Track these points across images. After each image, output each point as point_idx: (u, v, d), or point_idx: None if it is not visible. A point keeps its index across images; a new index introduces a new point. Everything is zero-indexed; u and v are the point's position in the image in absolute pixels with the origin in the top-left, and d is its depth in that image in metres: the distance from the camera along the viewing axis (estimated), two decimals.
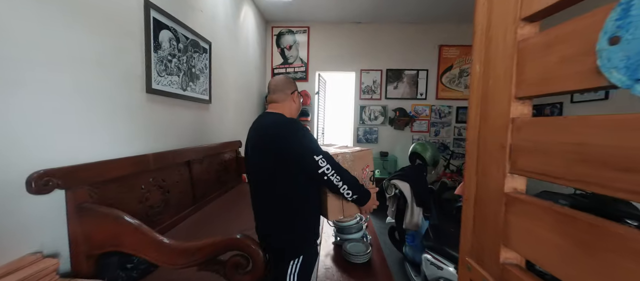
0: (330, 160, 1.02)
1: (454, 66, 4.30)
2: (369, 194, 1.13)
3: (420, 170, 1.96)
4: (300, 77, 4.47)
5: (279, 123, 1.06)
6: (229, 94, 2.97)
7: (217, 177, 2.51)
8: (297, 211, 1.07)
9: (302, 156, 1.00)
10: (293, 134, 1.02)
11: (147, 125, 1.68)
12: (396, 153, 4.45)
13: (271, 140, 1.04)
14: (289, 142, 1.01)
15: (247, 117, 3.60)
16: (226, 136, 2.88)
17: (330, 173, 0.99)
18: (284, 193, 1.05)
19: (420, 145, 2.00)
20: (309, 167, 0.99)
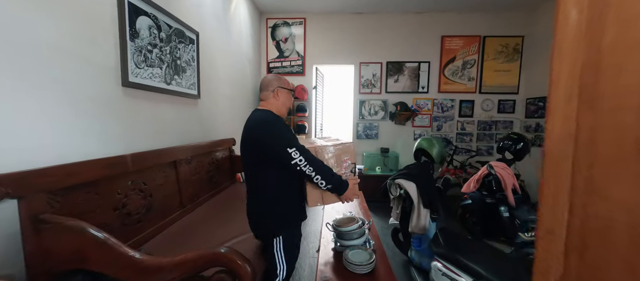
0: (304, 152, 1.12)
1: (456, 58, 4.13)
2: (346, 184, 1.23)
3: (427, 168, 1.81)
4: (296, 71, 4.29)
5: (258, 120, 1.20)
6: (221, 89, 2.79)
7: (209, 178, 2.35)
8: (275, 198, 1.21)
9: (276, 149, 1.12)
10: (269, 129, 1.15)
11: (124, 122, 1.51)
12: (397, 149, 4.29)
13: (251, 135, 1.19)
14: (265, 136, 1.14)
15: (241, 113, 3.43)
16: (218, 133, 2.71)
17: (303, 164, 1.10)
18: (263, 183, 1.20)
19: (426, 140, 1.84)
20: (283, 158, 1.11)
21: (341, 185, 1.21)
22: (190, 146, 2.07)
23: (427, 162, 1.87)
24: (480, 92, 4.16)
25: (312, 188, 1.24)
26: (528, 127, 3.99)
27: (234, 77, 3.15)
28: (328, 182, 1.16)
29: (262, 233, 1.32)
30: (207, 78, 2.46)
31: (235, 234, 1.60)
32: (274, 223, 1.23)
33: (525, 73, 4.08)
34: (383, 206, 3.70)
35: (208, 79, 2.49)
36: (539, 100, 3.79)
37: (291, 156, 1.10)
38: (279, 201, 1.22)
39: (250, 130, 1.21)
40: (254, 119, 1.23)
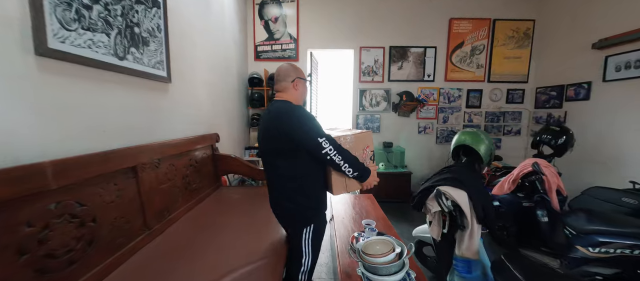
0: (333, 141, 1.12)
1: (465, 43, 3.78)
2: (369, 171, 1.23)
3: (475, 171, 1.41)
4: (288, 56, 3.76)
5: (283, 111, 1.15)
6: (199, 73, 2.25)
7: (185, 184, 1.83)
8: (305, 187, 1.20)
9: (306, 139, 1.10)
10: (297, 119, 1.12)
11: (42, 112, 0.97)
12: (401, 143, 3.92)
13: (277, 127, 1.13)
14: (293, 127, 1.11)
15: (226, 102, 2.89)
16: (197, 128, 2.18)
17: (333, 154, 1.11)
18: (291, 173, 1.18)
19: (469, 134, 1.43)
20: (314, 148, 1.10)
21: (366, 172, 1.22)
22: (158, 145, 1.55)
23: (470, 162, 1.48)
24: (489, 80, 3.86)
25: (338, 177, 1.23)
26: (538, 118, 3.75)
27: (215, 59, 2.60)
28: (355, 170, 1.17)
29: (291, 223, 1.31)
30: (180, 57, 1.91)
31: (233, 265, 1.14)
32: (306, 213, 1.24)
33: (535, 60, 3.80)
34: (394, 205, 3.33)
35: (181, 58, 1.94)
36: (551, 89, 3.53)
37: (322, 146, 1.10)
38: (309, 190, 1.22)
39: (276, 121, 1.16)
40: (276, 110, 1.19)
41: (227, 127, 2.94)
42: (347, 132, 1.32)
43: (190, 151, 1.94)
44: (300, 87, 1.29)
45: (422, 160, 3.98)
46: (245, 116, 3.65)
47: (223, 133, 2.76)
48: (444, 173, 1.39)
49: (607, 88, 2.88)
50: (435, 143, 3.97)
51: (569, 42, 3.33)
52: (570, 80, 3.28)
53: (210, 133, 2.32)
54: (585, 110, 3.12)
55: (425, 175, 3.99)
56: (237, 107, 3.32)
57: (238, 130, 3.32)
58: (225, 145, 2.84)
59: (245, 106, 3.62)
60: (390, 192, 3.55)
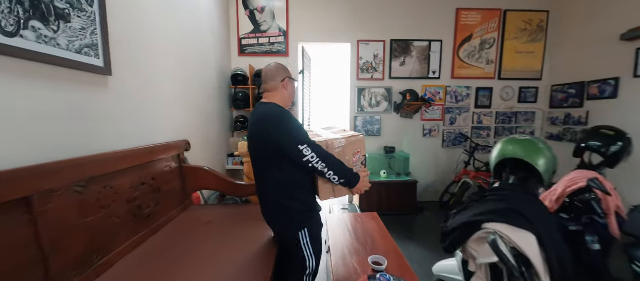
0: (315, 148, 1.07)
1: (473, 36, 3.41)
2: (358, 177, 1.18)
3: (532, 196, 1.00)
4: (277, 50, 3.33)
5: (266, 116, 1.12)
6: (161, 64, 1.79)
7: (132, 210, 1.38)
8: (293, 193, 1.18)
9: (287, 147, 1.07)
10: (279, 125, 1.09)
11: None
12: (404, 148, 3.52)
13: (261, 132, 1.12)
14: (275, 134, 1.08)
15: (202, 102, 2.43)
16: (157, 134, 1.73)
17: (315, 161, 1.06)
18: (280, 178, 1.16)
19: (521, 144, 0.99)
20: (295, 156, 1.06)
21: (353, 178, 1.16)
22: (87, 161, 1.09)
23: (524, 183, 1.04)
24: (500, 78, 3.50)
25: (324, 183, 1.20)
26: (553, 119, 3.40)
27: (185, 50, 2.15)
28: (341, 177, 1.12)
29: (284, 228, 1.25)
30: (128, 43, 1.47)
31: None
32: (298, 217, 1.20)
33: (550, 55, 3.46)
34: (398, 218, 2.91)
35: (131, 44, 1.49)
36: (570, 87, 3.18)
37: (303, 153, 1.05)
38: (299, 194, 1.19)
39: (258, 126, 1.14)
40: (261, 114, 1.15)
41: (204, 131, 2.49)
42: (339, 135, 1.28)
43: (143, 165, 1.49)
44: (290, 87, 1.26)
45: (428, 166, 3.59)
46: (228, 118, 3.20)
47: (197, 139, 2.31)
48: (489, 199, 0.97)
49: (639, 84, 2.54)
50: (442, 148, 3.58)
51: (589, 34, 2.99)
52: (593, 76, 2.93)
53: (177, 141, 1.87)
54: (611, 110, 2.77)
55: (431, 184, 3.61)
56: (218, 108, 2.86)
57: (218, 135, 2.87)
58: (200, 153, 2.39)
59: (227, 107, 3.16)
60: (393, 204, 3.15)
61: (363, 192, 1.22)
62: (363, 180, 1.20)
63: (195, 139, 2.28)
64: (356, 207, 2.51)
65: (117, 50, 1.36)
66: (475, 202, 1.01)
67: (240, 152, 2.11)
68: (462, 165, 3.28)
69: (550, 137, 3.44)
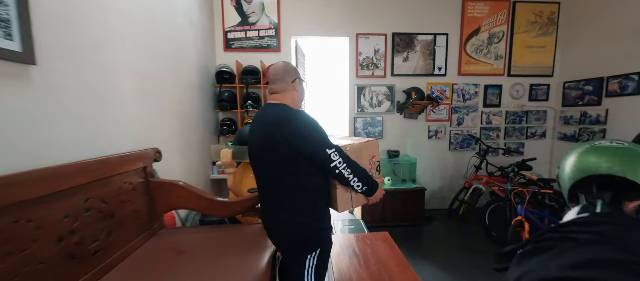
0: (342, 153, 1.00)
1: (481, 29, 3.15)
2: (377, 185, 1.12)
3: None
4: (268, 45, 2.99)
5: (284, 117, 1.02)
6: (119, 55, 1.43)
7: (70, 251, 1.01)
8: (310, 205, 1.06)
9: (314, 151, 0.98)
10: (302, 127, 1.00)
11: None
12: (409, 151, 3.22)
13: (274, 136, 1.00)
14: (298, 137, 0.98)
15: (179, 103, 2.07)
16: (114, 142, 1.36)
17: (343, 167, 0.99)
18: (294, 190, 1.04)
19: (615, 154, 0.71)
20: (322, 161, 0.99)
21: (374, 186, 1.10)
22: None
23: (623, 213, 0.75)
24: (510, 74, 3.25)
25: (343, 192, 1.10)
26: (567, 119, 3.17)
27: (155, 40, 1.78)
28: (364, 184, 1.05)
29: (293, 250, 1.10)
30: (66, 22, 1.10)
31: None
32: (312, 235, 1.07)
33: (561, 50, 3.23)
34: (405, 231, 2.55)
35: (72, 25, 1.13)
36: (586, 84, 2.95)
37: (331, 158, 0.98)
38: (315, 207, 1.07)
39: (272, 129, 1.00)
40: (275, 116, 1.03)
41: (182, 137, 2.12)
42: (350, 140, 1.22)
43: (87, 185, 1.12)
44: (300, 89, 1.17)
45: (434, 170, 3.30)
46: (213, 121, 2.83)
47: (172, 146, 1.95)
48: (580, 239, 0.66)
49: None
50: (449, 151, 3.30)
51: (606, 26, 2.77)
52: (613, 71, 2.70)
53: (142, 150, 1.50)
54: (635, 107, 2.54)
55: (437, 190, 3.32)
56: (200, 109, 2.49)
57: (201, 140, 2.50)
58: (177, 163, 2.02)
59: (211, 108, 2.80)
60: (399, 214, 2.83)
61: (378, 200, 1.16)
62: (380, 187, 1.14)
63: (170, 146, 1.91)
64: (362, 223, 2.19)
65: (45, 30, 1.00)
66: (557, 241, 0.69)
67: (223, 162, 1.75)
68: (472, 170, 3.00)
69: (564, 137, 3.21)
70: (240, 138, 1.83)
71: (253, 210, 1.61)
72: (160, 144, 1.68)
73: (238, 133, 1.87)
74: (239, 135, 1.84)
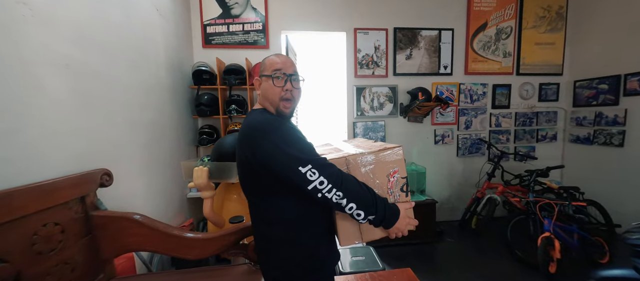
0: (326, 169, 0.72)
1: (488, 24, 2.91)
2: (396, 211, 0.80)
3: None
4: (254, 41, 2.61)
5: (253, 127, 0.78)
6: (37, 43, 1.01)
7: None
8: (289, 237, 0.81)
9: (282, 169, 0.73)
10: (263, 142, 0.74)
11: None
12: (414, 158, 2.91)
13: (245, 153, 0.78)
14: (262, 152, 0.74)
15: (142, 108, 1.65)
16: (32, 167, 0.93)
17: (326, 189, 0.70)
18: (272, 216, 0.82)
19: None
20: (294, 182, 0.72)
21: (390, 213, 0.78)
22: None
23: None
24: (518, 73, 3.02)
25: (345, 221, 0.84)
26: (579, 119, 2.96)
27: (105, 30, 1.37)
28: (368, 212, 0.74)
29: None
30: None
31: None
32: (293, 272, 0.82)
33: (570, 47, 3.04)
34: (416, 250, 2.13)
35: None
36: (600, 82, 2.75)
37: (306, 178, 0.70)
38: (299, 239, 0.82)
39: (245, 143, 0.79)
40: (249, 126, 0.80)
41: (145, 150, 1.69)
42: (361, 147, 0.90)
43: None
44: (263, 87, 0.89)
45: (441, 178, 3.00)
46: (190, 129, 2.40)
47: (131, 164, 1.52)
48: None
49: None
50: (457, 156, 3.02)
51: (620, 19, 2.58)
52: (632, 68, 2.50)
53: (80, 174, 1.08)
54: None
55: (445, 200, 3.02)
56: (171, 115, 2.07)
57: (173, 153, 2.07)
58: (138, 186, 1.59)
59: (188, 113, 2.37)
60: None
61: (406, 232, 0.84)
62: (404, 214, 0.82)
63: (128, 164, 1.49)
64: (373, 252, 1.83)
65: None
66: None
67: (197, 183, 1.35)
68: (485, 178, 2.72)
69: (577, 139, 2.99)
70: (220, 152, 1.43)
71: (237, 246, 1.22)
72: (112, 162, 1.27)
73: (217, 145, 1.47)
74: (218, 148, 1.45)
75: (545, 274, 1.93)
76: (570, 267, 2.03)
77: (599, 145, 2.78)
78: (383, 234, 0.85)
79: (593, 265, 2.01)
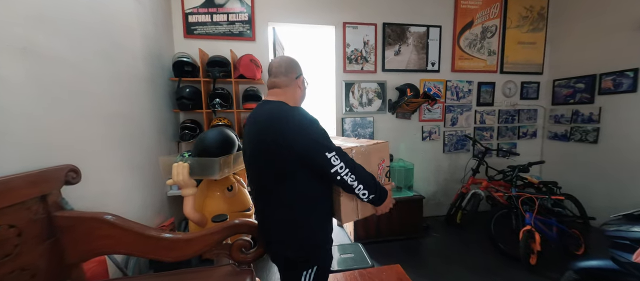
0: (344, 156, 0.88)
1: (475, 22, 2.95)
2: (386, 192, 1.01)
3: None
4: (239, 32, 2.50)
5: (281, 115, 0.89)
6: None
7: None
8: (308, 217, 0.94)
9: (311, 154, 0.86)
10: (300, 128, 0.87)
11: None
12: (402, 154, 2.92)
13: (274, 136, 0.87)
14: (295, 138, 0.85)
15: (115, 99, 1.52)
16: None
17: (344, 173, 0.87)
18: (292, 197, 0.91)
19: None
20: (320, 166, 0.87)
21: (383, 194, 0.98)
22: None
23: None
24: (502, 71, 3.09)
25: (348, 200, 1.00)
26: (557, 117, 3.08)
27: (71, 13, 1.24)
28: (371, 192, 0.92)
29: (287, 265, 0.98)
30: None
31: None
32: (309, 252, 0.95)
33: (551, 47, 3.15)
34: (402, 245, 2.12)
35: None
36: (577, 81, 2.86)
37: (331, 163, 0.85)
38: (312, 221, 0.95)
39: (271, 129, 0.87)
40: (274, 114, 0.89)
41: (119, 146, 1.57)
42: (357, 142, 1.10)
43: None
44: (304, 87, 1.07)
45: (428, 174, 3.04)
46: (170, 124, 2.28)
47: (104, 161, 1.41)
48: None
49: None
50: (443, 153, 3.06)
51: (597, 23, 2.69)
52: (606, 68, 2.62)
53: (38, 171, 0.97)
54: (629, 105, 2.46)
55: (431, 195, 3.06)
56: (150, 108, 1.95)
57: (151, 148, 1.95)
58: (112, 184, 1.48)
59: (168, 107, 2.24)
60: (395, 226, 2.51)
61: (388, 210, 1.05)
62: (389, 195, 1.03)
63: (100, 161, 1.38)
64: (362, 249, 1.80)
65: None
66: None
67: (177, 180, 1.26)
68: (470, 173, 2.77)
69: (554, 136, 3.12)
70: (202, 147, 1.34)
71: (220, 246, 1.15)
72: (80, 158, 1.16)
73: (199, 140, 1.38)
74: (199, 143, 1.36)
75: (527, 266, 1.99)
76: (549, 259, 2.10)
77: (575, 141, 2.90)
78: (373, 211, 1.04)
79: (570, 256, 2.09)
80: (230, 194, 1.48)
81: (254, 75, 2.30)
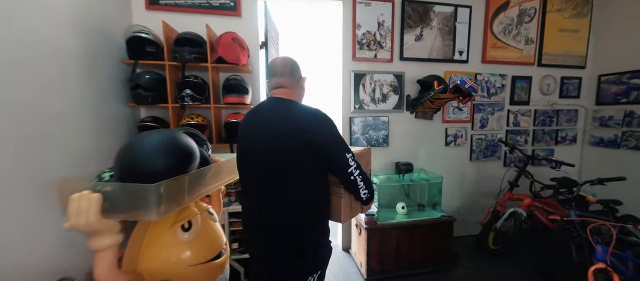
0: (355, 158, 0.95)
1: (511, 2, 2.44)
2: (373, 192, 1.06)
3: None
4: (220, 4, 1.94)
5: (307, 112, 0.92)
6: None
7: None
8: (312, 218, 0.96)
9: (334, 154, 0.92)
10: (329, 129, 0.92)
11: None
12: (421, 164, 2.38)
13: (299, 132, 0.89)
14: (325, 138, 0.91)
15: (17, 89, 0.94)
16: None
17: (356, 173, 0.94)
18: (301, 199, 0.92)
19: None
20: (339, 165, 0.92)
21: (373, 194, 1.04)
22: None
23: None
24: (540, 63, 2.59)
25: (348, 201, 1.03)
26: (603, 120, 2.59)
27: None
28: (370, 191, 1.00)
29: (291, 271, 0.94)
30: None
31: None
32: (316, 253, 0.97)
33: (596, 35, 2.66)
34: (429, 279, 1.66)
35: None
36: (633, 75, 2.38)
37: (348, 163, 0.92)
38: (321, 221, 0.99)
39: (299, 127, 0.89)
40: (303, 111, 0.92)
41: (25, 157, 1.00)
42: None
43: None
44: (305, 88, 1.09)
45: (451, 186, 2.52)
46: (123, 123, 1.70)
47: None
48: None
49: None
50: (469, 161, 2.54)
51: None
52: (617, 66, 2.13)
53: None
54: None
55: (454, 211, 2.53)
56: (87, 101, 1.37)
57: (85, 159, 1.37)
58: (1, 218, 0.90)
59: (119, 99, 1.66)
60: (416, 255, 1.98)
61: (369, 209, 1.10)
62: None
63: None
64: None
65: None
66: None
67: (75, 224, 0.70)
68: (507, 187, 2.26)
69: (600, 142, 2.63)
70: (128, 164, 0.77)
71: None
72: None
73: (126, 151, 0.80)
74: (129, 156, 0.78)
75: None
76: None
77: (627, 148, 2.41)
78: (360, 210, 1.09)
79: None
80: (188, 236, 0.92)
81: (238, 59, 1.74)
